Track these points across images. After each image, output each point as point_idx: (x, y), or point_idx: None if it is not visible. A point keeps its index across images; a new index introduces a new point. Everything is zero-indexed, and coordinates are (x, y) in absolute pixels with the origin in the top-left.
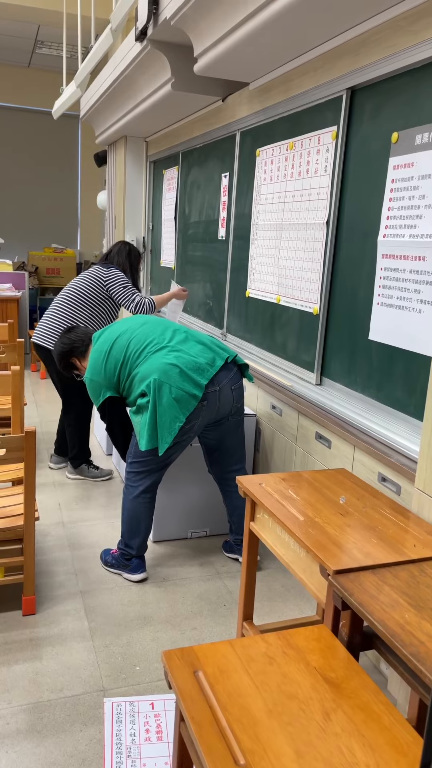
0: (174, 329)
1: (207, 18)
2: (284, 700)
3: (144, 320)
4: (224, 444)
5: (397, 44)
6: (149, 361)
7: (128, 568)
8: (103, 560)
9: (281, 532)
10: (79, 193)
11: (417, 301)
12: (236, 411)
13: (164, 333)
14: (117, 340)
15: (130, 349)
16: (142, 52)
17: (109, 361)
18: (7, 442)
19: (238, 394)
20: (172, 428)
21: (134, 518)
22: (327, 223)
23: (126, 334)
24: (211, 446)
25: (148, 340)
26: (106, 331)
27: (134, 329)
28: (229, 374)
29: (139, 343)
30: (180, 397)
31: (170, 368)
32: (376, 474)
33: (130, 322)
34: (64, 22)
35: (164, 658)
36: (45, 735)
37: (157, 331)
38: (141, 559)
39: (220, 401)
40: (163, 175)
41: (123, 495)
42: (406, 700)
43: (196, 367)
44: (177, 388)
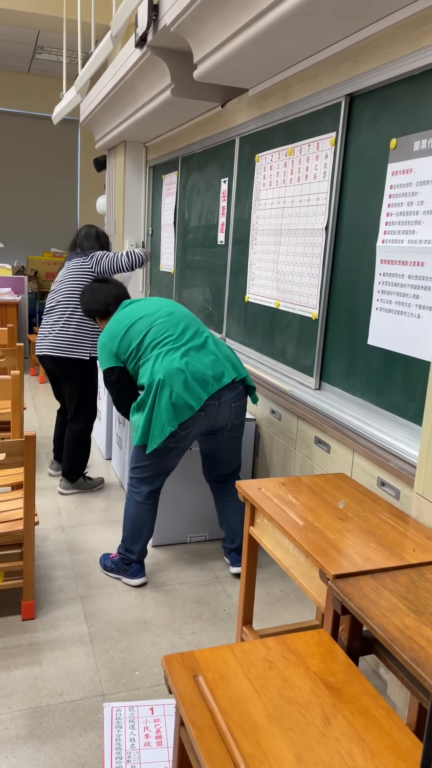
0: (195, 330)
1: (206, 25)
2: (284, 705)
3: (171, 310)
4: (218, 454)
5: (396, 51)
6: (160, 359)
7: (128, 573)
8: (102, 565)
9: (281, 536)
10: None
11: (416, 306)
12: (233, 427)
13: (185, 332)
14: (139, 321)
15: (147, 337)
16: (142, 58)
17: (125, 339)
18: (7, 447)
19: (237, 411)
20: (164, 431)
21: (137, 524)
22: (326, 228)
23: (148, 319)
24: (205, 454)
25: (167, 335)
26: (134, 303)
27: (158, 317)
28: (233, 392)
29: (157, 334)
30: (178, 403)
31: (177, 373)
32: (375, 479)
33: (158, 304)
34: (64, 28)
35: (164, 662)
36: (44, 740)
37: (179, 327)
38: (141, 564)
39: (217, 415)
40: (163, 180)
41: (126, 500)
42: (406, 705)
43: (202, 379)
44: (177, 394)
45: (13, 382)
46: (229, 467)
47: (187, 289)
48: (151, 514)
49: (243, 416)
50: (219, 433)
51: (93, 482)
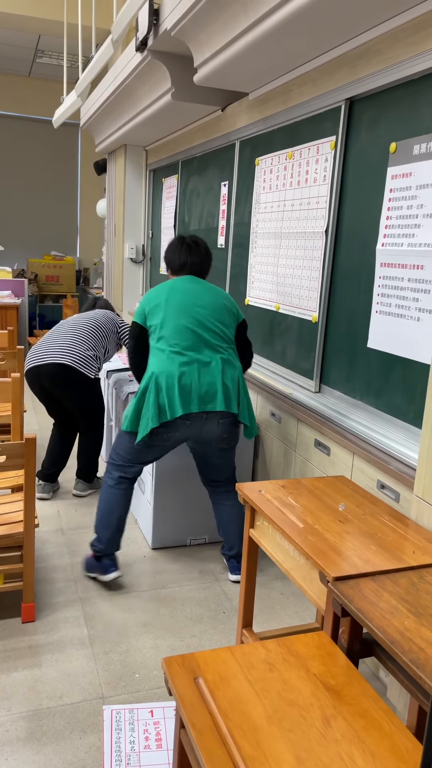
0: (212, 347)
1: (207, 29)
2: (284, 707)
3: (203, 318)
4: (209, 461)
5: (395, 56)
6: (167, 357)
7: (101, 570)
8: (83, 566)
9: (281, 539)
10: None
11: (415, 310)
12: (221, 440)
13: (202, 345)
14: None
15: (166, 325)
16: (143, 62)
17: (156, 310)
18: (7, 449)
19: (224, 427)
20: (147, 426)
21: (107, 508)
22: (326, 231)
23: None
24: (196, 458)
25: (183, 338)
26: (193, 287)
27: (190, 316)
28: (224, 415)
29: (176, 330)
30: (162, 405)
31: (170, 378)
32: (375, 481)
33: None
34: (64, 32)
35: (164, 664)
36: (44, 742)
37: (199, 339)
38: (111, 558)
39: (203, 427)
40: (163, 183)
41: (101, 487)
42: (406, 708)
43: (188, 394)
44: (162, 398)
45: (14, 384)
46: (221, 474)
47: None
48: (121, 500)
49: (232, 433)
50: (207, 444)
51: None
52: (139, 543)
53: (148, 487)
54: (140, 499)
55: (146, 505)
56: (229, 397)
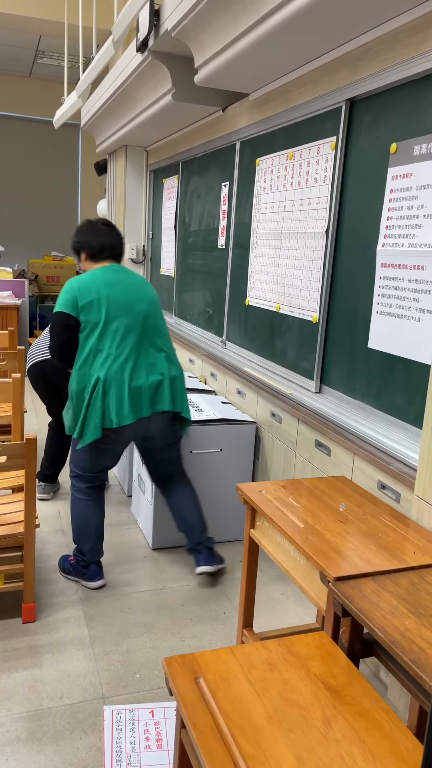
0: (156, 345)
1: (207, 30)
2: (285, 707)
3: (146, 312)
4: (156, 458)
5: (396, 57)
6: (110, 360)
7: (85, 576)
8: (60, 567)
9: (281, 539)
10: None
11: (416, 310)
12: (166, 436)
13: (145, 344)
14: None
15: (110, 327)
16: (143, 62)
17: (94, 306)
18: (8, 450)
19: (167, 423)
20: (96, 433)
21: (81, 522)
22: (326, 232)
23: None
24: (143, 454)
25: (129, 340)
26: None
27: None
28: (167, 412)
29: (120, 332)
30: (112, 414)
31: (119, 384)
32: (375, 481)
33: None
34: (65, 33)
35: (165, 664)
36: (45, 743)
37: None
38: (98, 565)
39: (149, 426)
40: (163, 184)
41: (71, 500)
42: (407, 708)
43: (139, 399)
44: (111, 404)
45: (14, 384)
46: (170, 468)
47: (188, 292)
48: (94, 511)
49: (175, 427)
50: (153, 439)
51: None
52: (139, 543)
53: (149, 487)
54: (140, 499)
55: (146, 506)
56: (175, 395)
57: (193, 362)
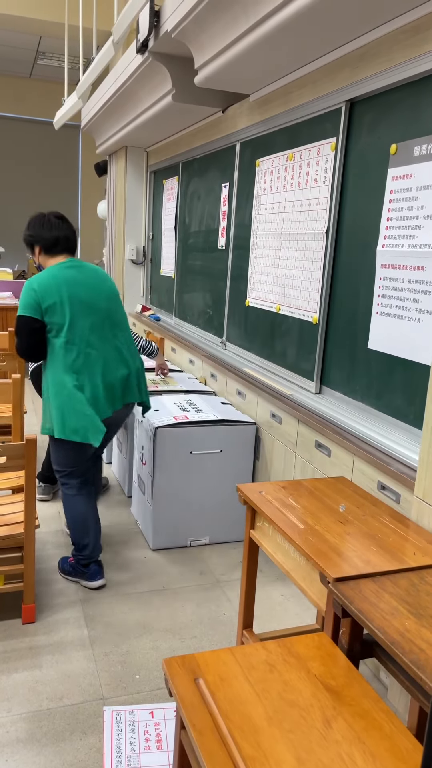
0: (120, 338)
1: (207, 31)
2: (285, 708)
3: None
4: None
5: (395, 58)
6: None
7: (86, 576)
8: (60, 568)
9: (281, 540)
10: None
11: (416, 311)
12: (123, 421)
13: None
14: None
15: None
16: (143, 63)
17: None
18: (8, 450)
19: (129, 411)
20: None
21: (77, 516)
22: (326, 233)
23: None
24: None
25: (95, 338)
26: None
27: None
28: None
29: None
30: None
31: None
32: (375, 482)
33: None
34: (65, 34)
35: (165, 665)
36: (44, 744)
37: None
38: (98, 564)
39: (119, 415)
40: (164, 184)
41: (62, 499)
42: (406, 710)
43: (112, 394)
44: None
45: (14, 385)
46: (101, 450)
47: (188, 293)
48: (88, 503)
49: (128, 413)
50: (116, 427)
51: (102, 482)
52: (139, 544)
53: (149, 488)
54: (140, 500)
55: (147, 507)
56: (141, 386)
57: (193, 363)
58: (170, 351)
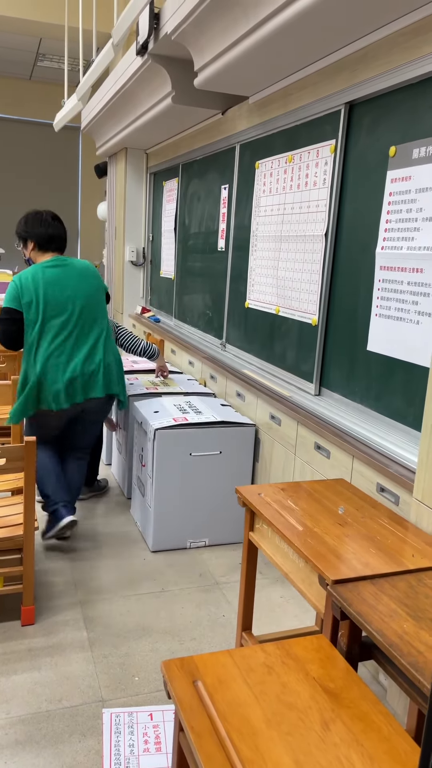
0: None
1: (207, 33)
2: (283, 710)
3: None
4: (76, 430)
5: (395, 60)
6: (49, 356)
7: (57, 520)
8: (42, 535)
9: (280, 542)
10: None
11: (415, 313)
12: (95, 414)
13: (80, 337)
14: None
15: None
16: (143, 65)
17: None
18: (7, 452)
19: (99, 405)
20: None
21: (41, 467)
22: (326, 235)
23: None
24: (68, 426)
25: (63, 335)
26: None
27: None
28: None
29: (56, 328)
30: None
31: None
32: (374, 484)
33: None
34: (65, 36)
35: (163, 667)
36: (43, 746)
37: (79, 333)
38: (64, 505)
39: (83, 407)
40: (163, 186)
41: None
42: (405, 711)
43: (72, 388)
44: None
45: (14, 386)
46: (83, 442)
47: (188, 295)
48: (52, 459)
49: (105, 408)
50: (85, 417)
51: (102, 484)
52: (139, 546)
53: (149, 490)
54: (140, 501)
55: (146, 508)
56: (110, 381)
57: (192, 364)
58: (170, 352)
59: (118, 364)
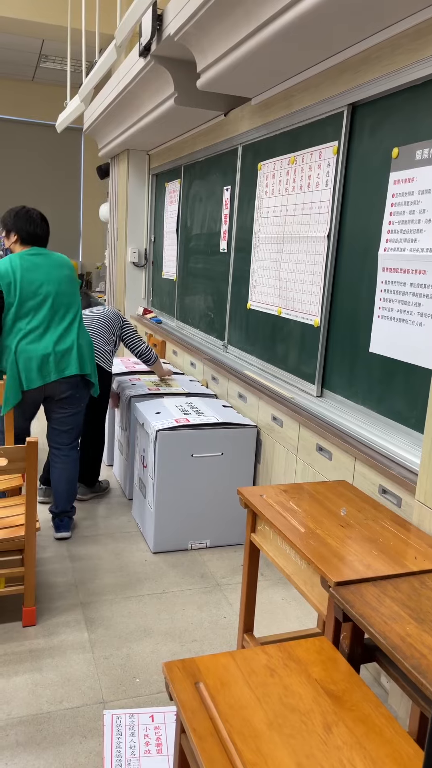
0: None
1: (209, 35)
2: (285, 713)
3: (55, 291)
4: (52, 420)
5: (397, 62)
6: (23, 336)
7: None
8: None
9: (282, 543)
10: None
11: (417, 314)
12: (61, 399)
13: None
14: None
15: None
16: (146, 67)
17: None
18: (9, 453)
19: (65, 387)
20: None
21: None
22: (328, 236)
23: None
24: (47, 419)
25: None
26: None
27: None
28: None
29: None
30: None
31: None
32: (376, 486)
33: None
34: (68, 37)
35: (165, 669)
36: (44, 747)
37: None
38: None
39: (56, 387)
40: (166, 187)
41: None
42: (407, 714)
43: (45, 367)
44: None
45: None
46: (62, 437)
47: (189, 296)
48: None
49: (77, 392)
50: (51, 401)
51: (104, 484)
52: (140, 547)
53: (150, 491)
54: (141, 503)
55: (148, 510)
56: (83, 361)
57: (194, 366)
58: (172, 354)
59: (89, 346)
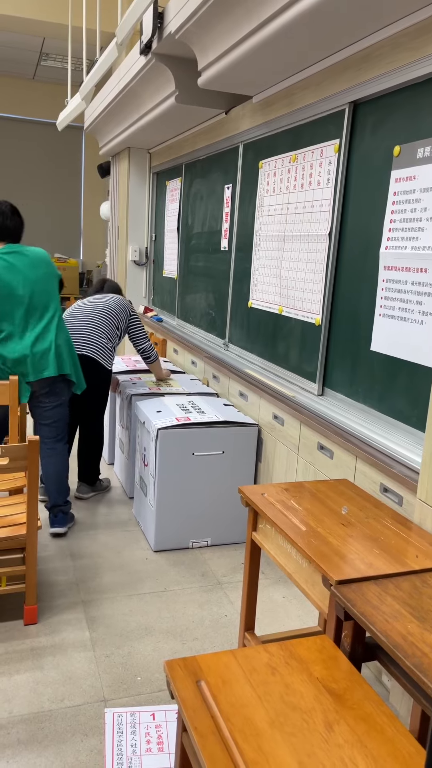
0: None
1: (211, 33)
2: (287, 711)
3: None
4: (36, 417)
5: (399, 60)
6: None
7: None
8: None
9: (283, 542)
10: (82, 204)
11: (419, 313)
12: (41, 395)
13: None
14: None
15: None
16: (147, 65)
17: None
18: (10, 451)
19: (42, 384)
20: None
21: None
22: (329, 234)
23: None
24: (33, 413)
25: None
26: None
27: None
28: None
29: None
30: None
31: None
32: (378, 484)
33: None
34: (69, 35)
35: (167, 667)
36: (46, 745)
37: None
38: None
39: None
40: (167, 186)
41: None
42: (409, 713)
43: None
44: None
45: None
46: (45, 431)
47: (190, 294)
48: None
49: (50, 388)
50: (32, 397)
51: (104, 483)
52: (141, 545)
53: (151, 489)
54: (142, 501)
55: (148, 508)
56: (61, 361)
57: (195, 364)
58: (172, 352)
59: (68, 345)
